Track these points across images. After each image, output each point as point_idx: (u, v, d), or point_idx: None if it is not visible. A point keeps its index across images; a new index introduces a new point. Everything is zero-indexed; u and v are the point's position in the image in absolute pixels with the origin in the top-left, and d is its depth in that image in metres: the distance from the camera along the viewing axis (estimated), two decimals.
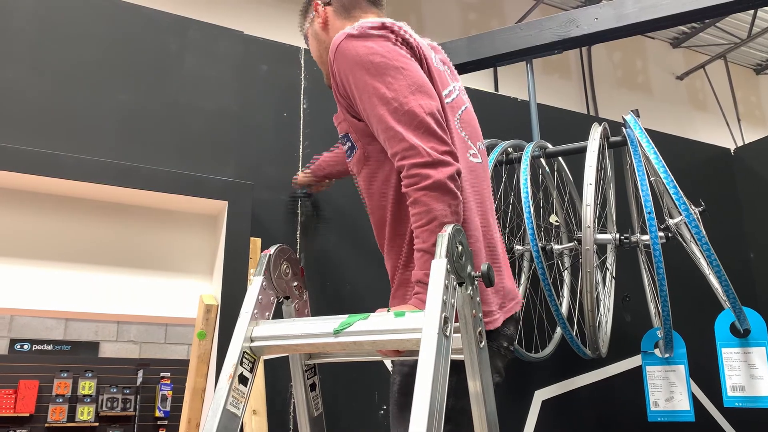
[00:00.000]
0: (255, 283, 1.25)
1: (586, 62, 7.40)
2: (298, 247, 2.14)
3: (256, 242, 2.00)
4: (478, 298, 1.12)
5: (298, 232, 2.15)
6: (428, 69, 1.36)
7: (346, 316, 1.14)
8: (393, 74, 1.25)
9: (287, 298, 1.34)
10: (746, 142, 3.82)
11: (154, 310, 2.01)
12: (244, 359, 1.17)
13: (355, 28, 1.32)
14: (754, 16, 7.02)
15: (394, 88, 1.24)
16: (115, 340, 6.70)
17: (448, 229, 1.06)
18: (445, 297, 1.01)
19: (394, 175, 1.33)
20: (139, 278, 2.00)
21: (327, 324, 1.15)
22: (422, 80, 1.29)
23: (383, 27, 1.32)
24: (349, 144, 1.41)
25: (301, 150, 2.25)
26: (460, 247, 1.08)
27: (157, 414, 6.28)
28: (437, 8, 6.50)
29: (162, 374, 6.42)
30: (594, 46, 7.47)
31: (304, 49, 2.36)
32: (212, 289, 2.03)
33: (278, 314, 1.28)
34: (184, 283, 2.06)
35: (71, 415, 6.01)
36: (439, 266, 1.04)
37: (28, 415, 5.88)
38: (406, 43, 1.34)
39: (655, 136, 2.44)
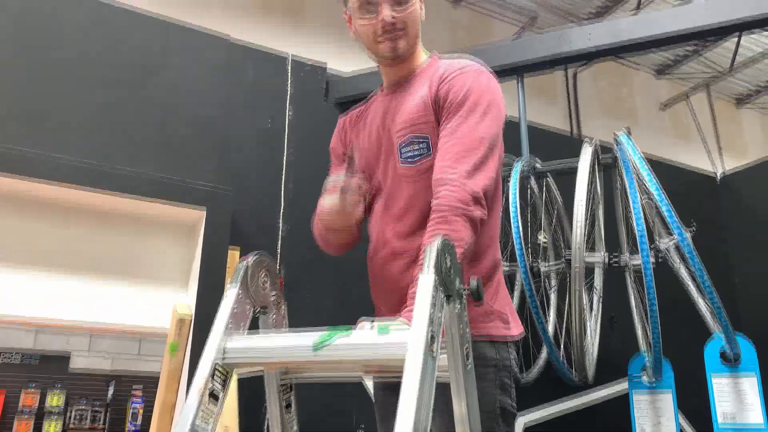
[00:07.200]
0: (230, 294, 1.19)
1: (571, 88, 7.45)
2: (279, 258, 2.07)
3: (234, 252, 1.93)
4: (465, 315, 1.06)
5: (280, 243, 2.09)
6: None
7: (327, 330, 1.08)
8: (502, 130, 1.44)
9: (264, 309, 1.28)
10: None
11: (126, 320, 1.93)
12: (215, 373, 1.09)
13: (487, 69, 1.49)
14: (737, 49, 7.13)
15: (500, 139, 1.42)
16: (87, 351, 6.51)
17: (437, 242, 1.01)
18: (432, 312, 0.96)
19: None
20: (111, 286, 1.92)
21: (306, 338, 1.08)
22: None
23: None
24: (421, 146, 1.40)
25: (285, 158, 2.19)
26: (449, 262, 1.03)
27: (127, 429, 6.09)
28: (426, 27, 6.51)
29: (134, 387, 6.24)
30: (579, 74, 7.54)
31: (292, 56, 2.31)
32: (187, 300, 1.95)
33: (255, 327, 1.22)
34: (159, 293, 1.98)
35: (38, 429, 5.81)
36: (426, 281, 0.99)
37: None
38: None
39: None
